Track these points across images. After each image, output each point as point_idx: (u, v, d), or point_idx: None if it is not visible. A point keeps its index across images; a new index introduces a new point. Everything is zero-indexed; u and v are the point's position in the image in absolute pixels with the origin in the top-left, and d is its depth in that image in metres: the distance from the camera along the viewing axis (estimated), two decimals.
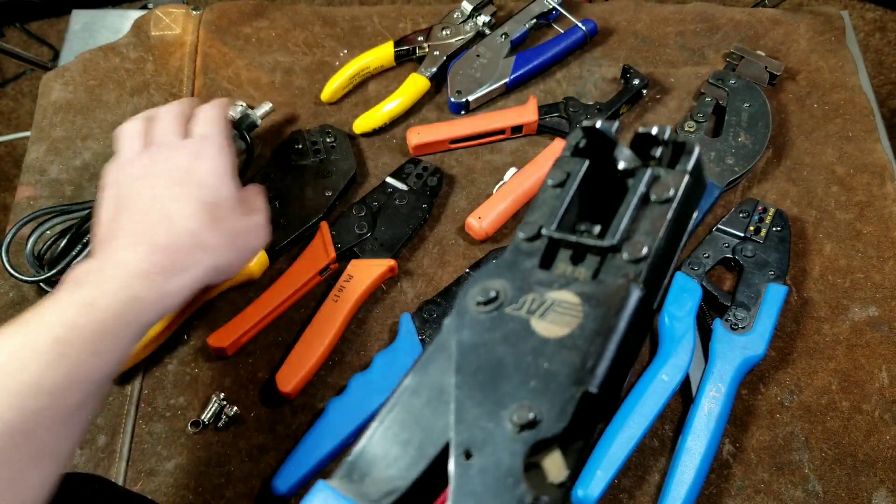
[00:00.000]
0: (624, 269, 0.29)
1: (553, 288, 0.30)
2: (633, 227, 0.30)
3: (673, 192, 0.30)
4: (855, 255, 0.71)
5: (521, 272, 0.31)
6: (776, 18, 0.87)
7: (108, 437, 0.63)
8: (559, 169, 0.33)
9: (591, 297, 0.29)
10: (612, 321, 0.28)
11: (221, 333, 0.65)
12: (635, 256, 0.29)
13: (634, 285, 0.29)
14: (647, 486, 0.61)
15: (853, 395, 0.64)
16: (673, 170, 0.31)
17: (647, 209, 0.31)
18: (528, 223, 0.32)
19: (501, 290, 0.30)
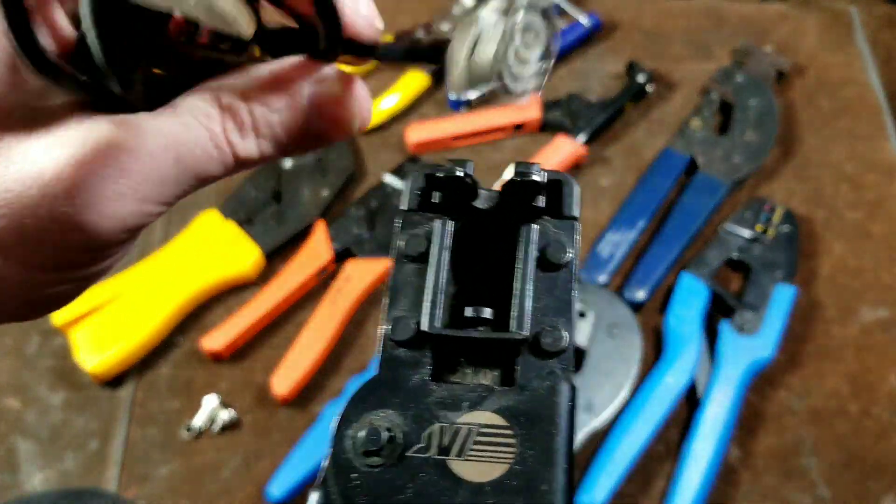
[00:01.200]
0: (547, 364, 0.24)
1: (463, 409, 0.23)
2: (536, 304, 0.25)
3: (571, 251, 0.25)
4: (864, 255, 0.70)
5: (411, 392, 0.23)
6: (784, 14, 0.86)
7: (100, 442, 0.61)
8: (411, 235, 0.26)
9: (518, 413, 0.23)
10: (553, 440, 0.22)
11: (216, 336, 0.64)
12: (558, 346, 0.24)
13: (566, 384, 0.23)
14: (652, 492, 0.59)
15: (862, 399, 0.63)
16: (560, 219, 0.26)
17: (546, 278, 0.25)
18: (396, 319, 0.24)
19: (394, 427, 0.22)
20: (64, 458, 0.61)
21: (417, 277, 0.25)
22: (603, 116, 0.76)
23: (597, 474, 0.58)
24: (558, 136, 0.75)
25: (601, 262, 0.68)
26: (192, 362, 0.65)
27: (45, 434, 0.62)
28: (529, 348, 0.24)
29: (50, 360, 0.65)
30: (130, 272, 0.67)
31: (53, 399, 0.64)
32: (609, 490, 0.58)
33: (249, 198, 0.72)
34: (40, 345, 0.66)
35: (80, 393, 0.64)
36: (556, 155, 0.74)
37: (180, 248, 0.68)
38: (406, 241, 0.26)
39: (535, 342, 0.24)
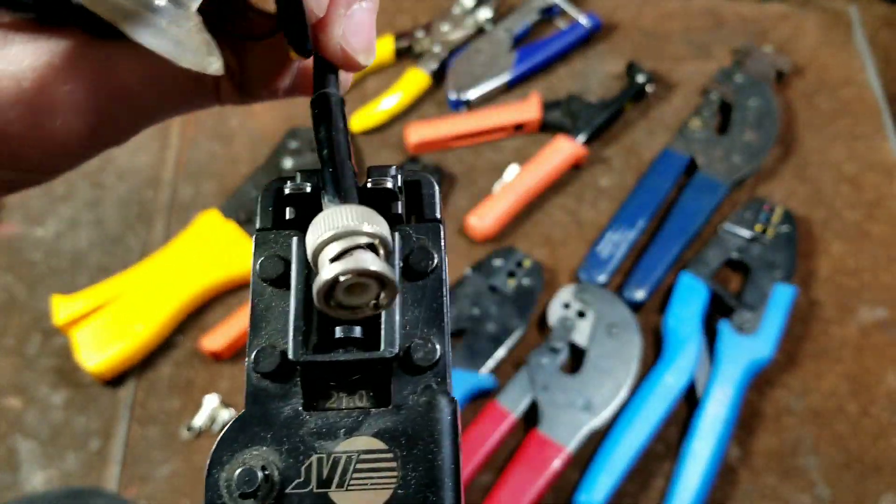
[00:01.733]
0: (421, 379, 0.22)
1: (340, 437, 0.22)
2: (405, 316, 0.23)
3: (437, 257, 0.24)
4: (863, 255, 0.70)
5: (284, 425, 0.22)
6: (783, 14, 0.86)
7: (100, 441, 0.62)
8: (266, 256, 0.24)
9: (398, 434, 0.21)
10: (435, 458, 0.21)
11: (216, 336, 0.64)
12: (431, 360, 0.22)
13: (443, 398, 0.22)
14: (651, 492, 0.59)
15: (861, 399, 0.63)
16: (422, 223, 0.25)
17: (413, 287, 0.24)
18: (259, 349, 0.23)
19: (269, 464, 0.21)
20: (65, 457, 0.61)
21: (279, 301, 0.24)
22: (603, 117, 0.77)
23: (596, 474, 0.58)
24: (558, 136, 0.76)
25: (601, 262, 0.68)
26: (192, 362, 0.65)
27: (46, 434, 0.63)
28: (401, 365, 0.23)
29: (51, 360, 0.66)
30: (131, 272, 0.67)
31: (54, 399, 0.64)
32: (609, 489, 0.58)
33: (250, 198, 0.72)
34: (41, 344, 0.66)
35: (80, 392, 0.64)
36: (555, 155, 0.74)
37: (181, 248, 0.68)
38: (261, 264, 0.24)
39: (406, 357, 0.23)
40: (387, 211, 0.24)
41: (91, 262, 0.70)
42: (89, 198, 0.74)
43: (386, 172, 0.24)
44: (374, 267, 0.21)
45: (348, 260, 0.21)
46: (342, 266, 0.20)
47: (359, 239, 0.21)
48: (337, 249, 0.21)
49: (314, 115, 0.25)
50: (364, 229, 0.21)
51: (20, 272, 0.70)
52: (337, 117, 0.24)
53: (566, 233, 0.72)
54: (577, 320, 0.65)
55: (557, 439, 0.59)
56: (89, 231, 0.72)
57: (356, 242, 0.21)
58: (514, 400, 0.61)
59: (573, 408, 0.60)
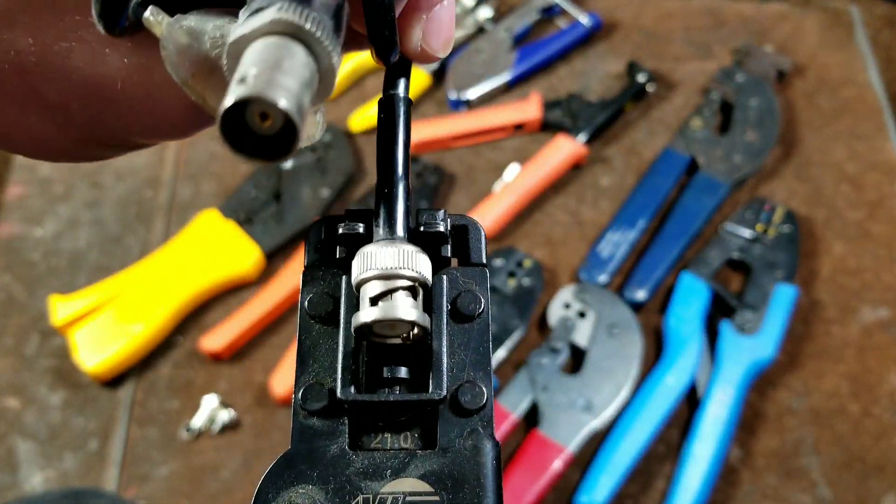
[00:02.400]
0: (468, 422, 0.23)
1: (387, 477, 0.22)
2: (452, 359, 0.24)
3: (484, 301, 0.24)
4: (865, 255, 0.70)
5: (330, 464, 0.22)
6: (784, 13, 0.86)
7: (99, 442, 0.61)
8: (315, 293, 0.24)
9: (444, 477, 0.22)
10: (484, 501, 0.21)
11: (216, 337, 0.64)
12: (478, 404, 0.23)
13: (489, 442, 0.22)
14: (652, 493, 0.59)
15: (863, 399, 0.63)
16: (468, 266, 0.25)
17: (460, 330, 0.24)
18: (307, 386, 0.23)
19: (314, 502, 0.22)
20: (63, 458, 0.61)
21: (327, 339, 0.24)
22: (603, 116, 0.76)
23: (597, 474, 0.58)
24: (558, 135, 0.75)
25: (601, 262, 0.68)
26: (191, 362, 0.65)
27: (45, 434, 0.62)
28: (449, 407, 0.23)
29: (49, 360, 0.65)
30: (130, 272, 0.66)
31: (53, 399, 0.64)
32: (609, 490, 0.58)
33: (249, 198, 0.71)
34: (40, 345, 0.66)
35: (79, 393, 0.64)
36: (556, 155, 0.74)
37: (180, 248, 0.68)
38: (310, 300, 0.24)
39: (454, 400, 0.23)
40: (436, 254, 0.25)
41: (90, 263, 0.70)
42: (88, 198, 0.74)
43: (436, 217, 0.25)
44: (409, 317, 0.21)
45: (386, 306, 0.21)
46: (379, 313, 0.21)
47: (400, 282, 0.22)
48: (378, 289, 0.22)
49: (380, 119, 0.24)
50: (406, 273, 0.22)
51: (19, 272, 0.70)
52: (401, 127, 0.24)
53: (566, 233, 0.72)
54: (578, 320, 0.65)
55: (558, 440, 0.59)
56: (88, 231, 0.72)
57: (397, 285, 0.22)
58: (515, 400, 0.61)
59: (574, 408, 0.60)
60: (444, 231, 0.24)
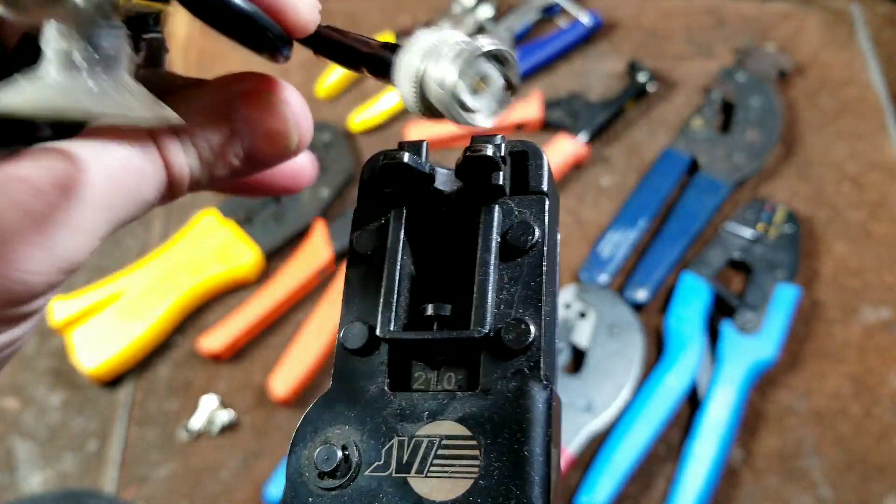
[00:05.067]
0: (512, 363, 0.21)
1: (423, 420, 0.21)
2: (500, 295, 0.22)
3: (539, 232, 0.22)
4: (866, 255, 0.70)
5: (369, 404, 0.21)
6: (785, 13, 0.86)
7: (98, 443, 0.61)
8: (364, 228, 0.23)
9: (483, 420, 0.20)
10: (522, 449, 0.20)
11: (215, 337, 0.63)
12: (523, 342, 0.21)
13: (535, 384, 0.21)
14: (653, 493, 0.59)
15: (864, 400, 0.63)
16: (526, 195, 0.23)
17: (512, 265, 0.22)
18: (350, 325, 0.22)
19: (350, 444, 0.21)
20: (62, 458, 0.61)
21: (372, 276, 0.22)
22: (604, 116, 0.76)
23: (598, 475, 0.58)
24: (559, 135, 0.75)
25: (602, 262, 0.68)
26: (191, 363, 0.65)
27: (44, 435, 0.62)
28: (492, 347, 0.21)
29: (48, 361, 0.65)
30: (128, 272, 0.66)
31: (52, 399, 0.64)
32: (610, 491, 0.58)
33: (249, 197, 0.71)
34: (39, 345, 0.66)
35: (78, 393, 0.64)
36: (557, 154, 0.73)
37: (179, 247, 0.68)
38: (357, 238, 0.23)
39: (497, 339, 0.21)
40: (486, 181, 0.22)
41: (89, 263, 0.70)
42: None
43: (486, 141, 0.22)
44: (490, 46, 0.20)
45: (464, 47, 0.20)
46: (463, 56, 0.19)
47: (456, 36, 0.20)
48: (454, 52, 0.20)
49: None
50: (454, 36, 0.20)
51: None
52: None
53: (567, 233, 0.71)
54: (579, 321, 0.64)
55: None
56: None
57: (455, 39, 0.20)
58: None
59: (574, 409, 0.60)
60: (493, 156, 0.22)
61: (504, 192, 0.23)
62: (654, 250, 0.69)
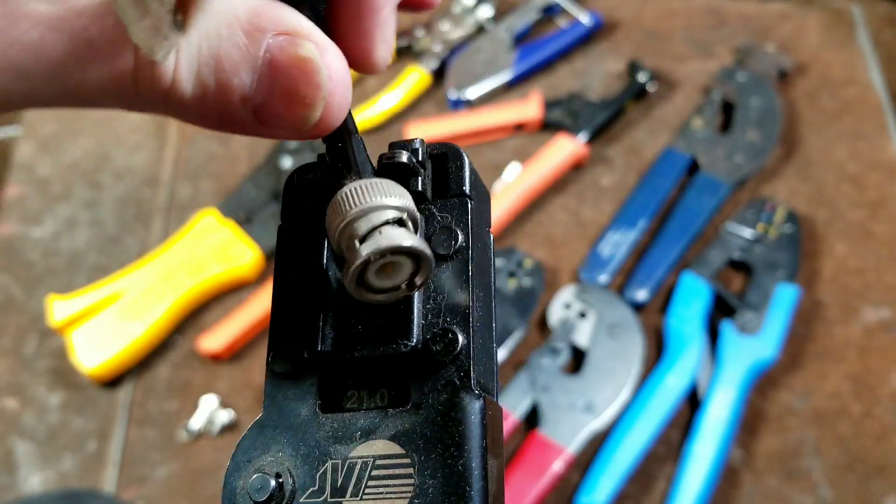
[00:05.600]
0: (442, 374, 0.20)
1: (356, 440, 0.20)
2: (426, 305, 0.21)
3: (462, 236, 0.21)
4: (867, 255, 0.70)
5: (301, 428, 0.21)
6: (785, 13, 0.86)
7: (98, 443, 0.61)
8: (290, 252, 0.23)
9: (416, 437, 0.19)
10: (457, 463, 0.19)
11: (215, 337, 0.63)
12: (451, 353, 0.20)
13: (467, 395, 0.20)
14: (653, 494, 0.59)
15: (865, 400, 0.63)
16: (448, 199, 0.22)
17: (437, 272, 0.21)
18: (276, 349, 0.22)
19: (284, 471, 0.20)
20: (62, 459, 0.61)
21: (299, 297, 0.22)
22: (604, 116, 0.76)
23: (598, 475, 0.58)
24: (559, 135, 0.75)
25: (602, 262, 0.68)
26: (190, 363, 0.64)
27: (43, 435, 0.62)
28: (421, 359, 0.20)
29: (48, 361, 0.65)
30: (128, 272, 0.66)
31: (51, 400, 0.64)
32: (610, 491, 0.57)
33: (249, 197, 0.71)
34: (38, 345, 0.66)
35: (78, 394, 0.64)
36: (556, 155, 0.73)
37: (179, 247, 0.68)
38: (283, 260, 0.22)
39: (425, 351, 0.20)
40: (406, 188, 0.22)
41: (89, 263, 0.70)
42: (87, 198, 0.74)
43: (406, 146, 0.22)
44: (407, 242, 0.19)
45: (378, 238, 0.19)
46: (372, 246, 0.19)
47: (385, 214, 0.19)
48: (364, 229, 0.19)
49: None
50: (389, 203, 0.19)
51: (17, 272, 0.69)
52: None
53: (567, 232, 0.71)
54: (578, 321, 0.64)
55: (558, 441, 0.59)
56: (87, 231, 0.72)
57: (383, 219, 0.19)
58: (515, 401, 0.61)
59: (574, 409, 0.60)
60: (409, 161, 0.22)
61: (425, 197, 0.22)
62: (654, 250, 0.69)
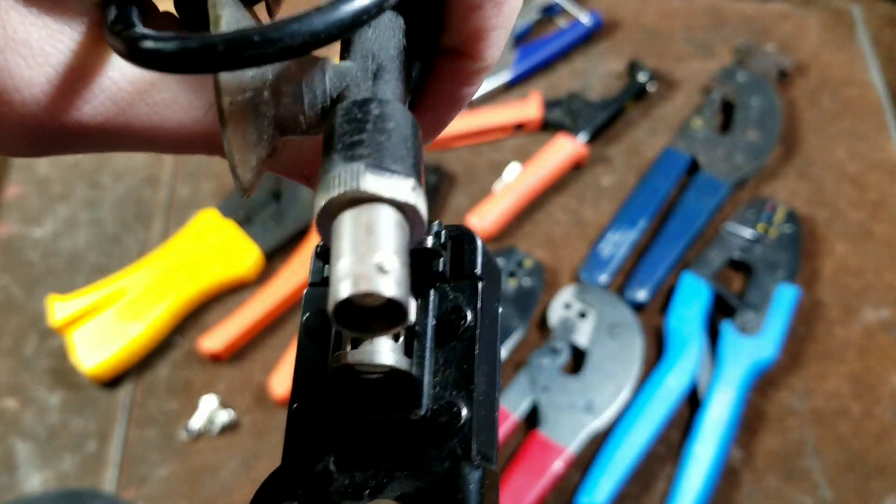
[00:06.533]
0: (446, 445, 0.22)
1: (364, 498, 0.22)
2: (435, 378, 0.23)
3: (470, 316, 0.23)
4: (867, 255, 0.70)
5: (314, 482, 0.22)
6: (785, 13, 0.86)
7: (98, 443, 0.61)
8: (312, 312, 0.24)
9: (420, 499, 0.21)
10: None
11: (215, 337, 0.63)
12: (455, 425, 0.22)
13: (467, 466, 0.21)
14: (653, 494, 0.59)
15: (865, 400, 0.63)
16: (461, 280, 0.24)
17: (446, 348, 0.23)
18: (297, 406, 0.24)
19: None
20: (62, 459, 0.61)
21: (322, 356, 0.23)
22: (604, 115, 0.76)
23: (598, 475, 0.58)
24: (559, 135, 0.75)
25: (602, 262, 0.68)
26: (191, 363, 0.64)
27: (43, 435, 0.62)
28: (428, 427, 0.22)
29: (48, 361, 0.65)
30: (128, 272, 0.66)
31: (51, 400, 0.64)
32: (610, 491, 0.57)
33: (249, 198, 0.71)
34: (38, 345, 0.66)
35: (78, 394, 0.64)
36: (556, 155, 0.73)
37: (179, 247, 0.68)
38: (307, 319, 0.24)
39: (433, 420, 0.22)
40: (428, 269, 0.24)
41: (89, 263, 0.70)
42: (87, 197, 0.74)
43: (429, 230, 0.23)
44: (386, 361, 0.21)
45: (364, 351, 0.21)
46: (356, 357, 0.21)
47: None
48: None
49: None
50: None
51: (17, 272, 0.69)
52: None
53: (567, 233, 0.71)
54: (579, 321, 0.64)
55: (558, 441, 0.59)
56: (87, 231, 0.72)
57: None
58: (515, 401, 0.61)
59: (574, 409, 0.60)
60: (434, 246, 0.23)
61: (445, 277, 0.24)
62: (654, 250, 0.68)
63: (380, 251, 0.17)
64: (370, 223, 0.18)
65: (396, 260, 0.17)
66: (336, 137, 0.19)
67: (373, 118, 0.19)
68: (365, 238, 0.17)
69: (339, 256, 0.17)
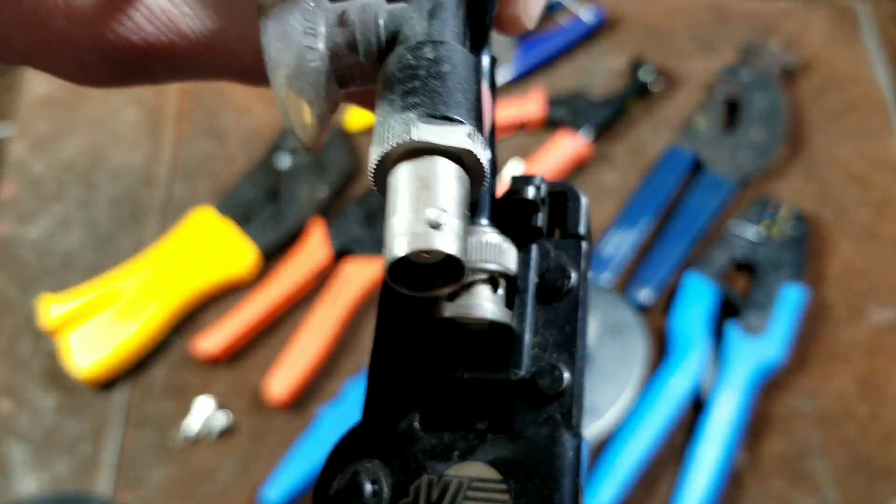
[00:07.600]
0: (545, 409, 0.21)
1: (453, 459, 0.21)
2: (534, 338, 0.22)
3: (575, 276, 0.22)
4: (873, 255, 0.69)
5: (398, 440, 0.21)
6: (789, 10, 0.85)
7: (93, 445, 0.60)
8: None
9: (513, 465, 0.20)
10: (552, 496, 0.20)
11: (211, 338, 0.63)
12: (556, 389, 0.21)
13: (567, 433, 0.20)
14: (657, 497, 0.58)
15: (871, 401, 0.62)
16: (564, 239, 0.23)
17: (547, 308, 0.22)
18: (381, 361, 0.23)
19: (379, 478, 0.21)
20: (57, 461, 0.60)
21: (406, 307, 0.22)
22: (607, 114, 0.75)
23: (601, 478, 0.57)
24: (561, 133, 0.74)
25: (605, 261, 0.67)
26: (187, 365, 0.64)
27: (38, 437, 0.61)
28: (526, 391, 0.21)
29: (43, 363, 0.64)
30: (124, 272, 0.65)
31: (46, 402, 0.63)
32: (613, 495, 0.57)
33: (246, 196, 0.70)
34: (33, 346, 0.65)
35: (73, 396, 0.63)
36: (559, 153, 0.73)
37: (175, 247, 0.67)
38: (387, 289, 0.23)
39: (531, 383, 0.21)
40: (526, 223, 0.23)
41: (84, 263, 0.69)
42: (82, 197, 0.73)
43: (529, 181, 0.23)
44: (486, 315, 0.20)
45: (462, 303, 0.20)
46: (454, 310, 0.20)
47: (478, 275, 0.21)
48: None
49: None
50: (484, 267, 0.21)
51: (11, 272, 0.69)
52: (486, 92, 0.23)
53: None
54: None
55: None
56: (82, 231, 0.71)
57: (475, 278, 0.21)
58: None
59: None
60: (534, 199, 0.23)
61: (542, 233, 0.23)
62: (658, 250, 0.68)
63: (436, 206, 0.16)
64: (426, 176, 0.17)
65: (454, 214, 0.17)
66: (390, 86, 0.18)
67: (427, 63, 0.18)
68: (421, 192, 0.17)
69: (393, 212, 0.17)
